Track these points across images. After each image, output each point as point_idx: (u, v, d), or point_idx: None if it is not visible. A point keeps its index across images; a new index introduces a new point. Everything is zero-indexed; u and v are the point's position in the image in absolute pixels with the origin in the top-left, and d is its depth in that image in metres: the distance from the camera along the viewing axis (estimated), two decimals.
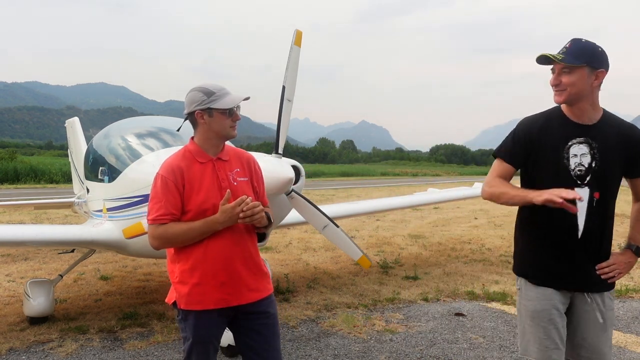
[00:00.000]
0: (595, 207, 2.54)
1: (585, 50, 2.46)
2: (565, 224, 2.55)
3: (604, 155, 2.52)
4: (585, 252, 2.58)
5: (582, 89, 2.47)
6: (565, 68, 2.47)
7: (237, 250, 2.54)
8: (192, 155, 2.57)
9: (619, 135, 2.55)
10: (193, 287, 2.50)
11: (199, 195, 2.50)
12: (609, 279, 2.60)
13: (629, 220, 2.85)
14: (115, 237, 4.90)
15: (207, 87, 2.55)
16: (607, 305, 2.62)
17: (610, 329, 2.64)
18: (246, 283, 2.56)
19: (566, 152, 2.54)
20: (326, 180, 44.00)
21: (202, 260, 2.50)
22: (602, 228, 2.59)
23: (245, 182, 2.63)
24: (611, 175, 2.56)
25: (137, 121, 6.95)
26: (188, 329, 2.55)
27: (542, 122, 2.63)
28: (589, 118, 2.55)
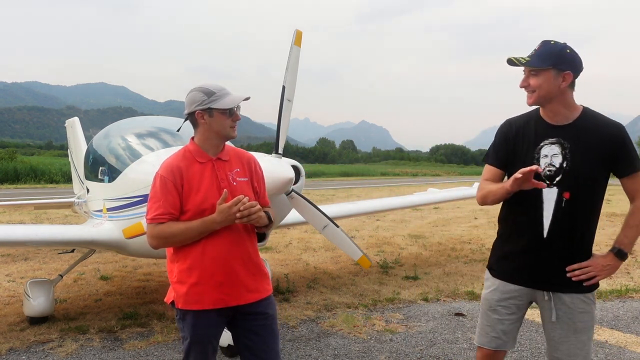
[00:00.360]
0: (565, 207, 2.52)
1: (552, 52, 2.49)
2: (531, 222, 2.59)
3: (577, 155, 2.50)
4: (551, 252, 2.57)
5: (550, 91, 2.50)
6: (533, 70, 2.52)
7: (235, 250, 2.54)
8: (192, 155, 2.57)
9: (599, 134, 2.51)
10: (191, 286, 2.50)
11: (198, 195, 2.50)
12: (582, 282, 2.54)
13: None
14: (115, 237, 4.90)
15: (208, 87, 2.55)
16: (578, 307, 2.56)
17: (584, 333, 2.57)
18: (245, 283, 2.56)
19: (537, 152, 2.58)
20: (326, 180, 43.99)
21: (201, 260, 2.50)
22: (572, 228, 2.54)
23: (245, 182, 2.63)
24: (585, 175, 2.50)
25: (137, 121, 6.95)
26: (186, 328, 2.55)
27: (520, 124, 2.70)
28: (564, 118, 2.56)
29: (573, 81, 2.52)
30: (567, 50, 2.49)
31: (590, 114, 2.58)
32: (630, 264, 8.54)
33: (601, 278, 2.56)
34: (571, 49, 2.50)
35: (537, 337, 4.90)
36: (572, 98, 2.56)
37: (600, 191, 2.58)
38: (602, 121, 2.56)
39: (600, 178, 2.55)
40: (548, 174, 2.54)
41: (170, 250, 2.61)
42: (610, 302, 6.18)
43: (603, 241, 10.98)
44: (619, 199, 23.64)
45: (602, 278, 2.57)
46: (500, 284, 2.72)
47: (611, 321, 5.42)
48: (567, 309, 2.57)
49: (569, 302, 2.56)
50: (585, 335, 2.58)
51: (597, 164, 2.50)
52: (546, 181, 2.53)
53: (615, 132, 2.52)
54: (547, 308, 2.63)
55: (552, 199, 2.53)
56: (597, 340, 4.84)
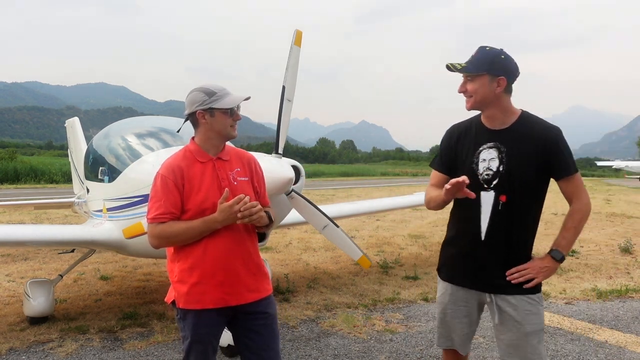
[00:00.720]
0: (502, 210, 2.55)
1: (487, 58, 2.54)
2: (470, 225, 2.63)
3: (513, 159, 2.54)
4: (489, 254, 2.60)
5: (485, 96, 2.55)
6: (469, 76, 2.58)
7: (236, 250, 2.55)
8: (193, 155, 2.58)
9: (535, 138, 2.53)
10: (192, 286, 2.51)
11: (199, 194, 2.51)
12: (522, 284, 2.55)
13: (630, 220, 2.85)
14: (115, 237, 4.90)
15: (209, 88, 2.56)
16: (525, 309, 2.55)
17: (534, 336, 2.56)
18: (245, 283, 2.56)
19: (476, 157, 2.63)
20: (326, 180, 44.01)
21: (202, 260, 2.50)
22: (509, 231, 2.57)
23: (245, 182, 2.64)
24: (521, 178, 2.53)
25: (137, 121, 6.95)
26: (187, 328, 2.55)
27: (462, 129, 2.76)
28: (501, 123, 2.60)
29: (509, 86, 2.56)
30: (502, 56, 2.55)
31: (527, 119, 2.61)
32: (630, 264, 8.55)
33: (540, 280, 2.56)
34: (506, 55, 2.55)
35: None
36: (509, 103, 2.61)
37: (537, 194, 2.60)
38: (538, 125, 2.58)
39: (537, 181, 2.57)
40: (486, 177, 2.59)
41: (171, 250, 2.61)
42: (610, 302, 6.18)
43: (603, 241, 11.02)
44: (619, 199, 23.69)
45: (541, 280, 2.57)
46: (449, 287, 2.78)
47: (611, 321, 5.42)
48: (513, 311, 2.57)
49: (513, 303, 2.57)
50: (536, 338, 2.57)
51: (532, 167, 2.53)
52: (484, 185, 2.58)
53: (549, 136, 2.53)
54: (492, 311, 2.66)
55: (490, 202, 2.57)
56: (597, 340, 4.84)
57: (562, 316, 5.56)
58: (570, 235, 2.59)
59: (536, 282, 2.56)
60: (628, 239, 10.41)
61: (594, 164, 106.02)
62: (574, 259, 8.99)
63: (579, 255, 9.31)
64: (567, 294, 6.47)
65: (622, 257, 9.12)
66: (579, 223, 2.58)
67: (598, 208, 18.87)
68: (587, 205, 2.60)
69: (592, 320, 5.44)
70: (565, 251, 2.59)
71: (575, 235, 2.60)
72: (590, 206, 2.62)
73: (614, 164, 77.56)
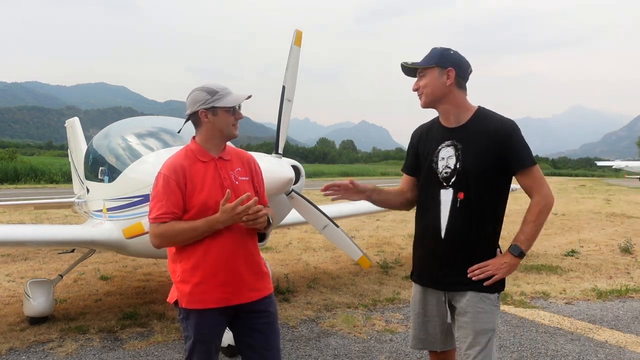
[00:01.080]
0: (459, 207, 2.55)
1: (436, 53, 2.59)
2: (432, 224, 2.64)
3: (468, 155, 2.54)
4: (449, 252, 2.59)
5: (436, 89, 2.58)
6: (420, 72, 2.62)
7: (238, 250, 2.55)
8: (194, 154, 2.58)
9: (489, 133, 2.52)
10: (194, 286, 2.51)
11: (201, 194, 2.51)
12: (482, 281, 2.53)
13: (630, 220, 2.84)
14: (115, 237, 4.90)
15: (211, 87, 2.57)
16: (477, 306, 2.53)
17: (484, 335, 2.53)
18: (247, 282, 2.57)
19: (435, 156, 2.65)
20: (326, 180, 43.91)
21: (203, 259, 2.50)
22: (468, 228, 2.55)
23: (246, 181, 2.65)
24: (476, 174, 2.52)
25: (137, 121, 6.95)
26: (190, 328, 2.55)
27: (424, 130, 2.81)
28: (456, 120, 2.62)
29: (459, 80, 2.58)
30: (451, 51, 2.60)
31: (482, 114, 2.61)
32: (630, 264, 8.55)
33: (500, 277, 2.53)
34: (455, 51, 2.60)
35: (537, 337, 4.90)
36: (463, 99, 2.62)
37: (495, 190, 2.58)
38: (492, 120, 2.57)
39: (493, 177, 2.55)
40: (445, 175, 2.60)
41: (172, 250, 2.61)
42: (610, 302, 6.18)
43: (603, 241, 11.02)
44: (619, 199, 23.69)
45: (501, 277, 2.54)
46: (418, 289, 2.78)
47: (611, 321, 5.42)
48: (466, 308, 2.55)
49: (466, 300, 2.56)
50: (485, 337, 2.53)
51: (487, 163, 2.52)
52: (443, 183, 2.60)
53: (503, 130, 2.52)
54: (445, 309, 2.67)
55: (449, 200, 2.58)
56: (597, 340, 4.84)
57: (562, 316, 5.56)
58: (529, 229, 2.53)
59: (496, 278, 2.52)
60: (628, 239, 10.41)
61: (594, 164, 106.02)
62: (574, 259, 8.99)
63: (579, 255, 9.31)
64: (567, 294, 6.47)
65: (622, 257, 9.12)
66: (538, 217, 2.52)
67: (598, 208, 18.87)
68: (546, 198, 2.53)
69: (592, 320, 5.44)
70: (524, 246, 2.53)
71: (534, 229, 2.53)
72: (551, 199, 2.55)
73: (614, 164, 77.57)
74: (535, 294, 6.45)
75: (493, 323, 2.58)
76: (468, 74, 2.62)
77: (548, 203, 2.53)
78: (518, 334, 5.00)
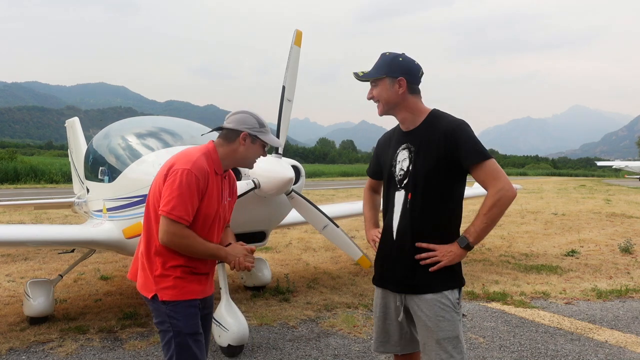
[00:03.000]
0: (408, 208, 2.59)
1: (385, 62, 2.60)
2: (386, 226, 2.73)
3: (418, 157, 2.58)
4: (400, 253, 2.62)
5: (390, 98, 2.60)
6: (372, 82, 2.64)
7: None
8: (213, 164, 2.65)
9: (437, 133, 2.54)
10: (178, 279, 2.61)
11: (209, 205, 2.60)
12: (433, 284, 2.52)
13: (630, 220, 2.83)
14: (115, 237, 4.90)
15: (260, 119, 2.72)
16: (436, 314, 2.51)
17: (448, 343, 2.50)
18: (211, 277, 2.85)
19: (394, 159, 2.71)
20: (326, 180, 44.00)
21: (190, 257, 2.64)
22: (416, 228, 2.57)
23: (230, 202, 2.84)
24: (423, 174, 2.55)
25: (137, 121, 6.94)
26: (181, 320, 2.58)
27: (387, 136, 2.89)
28: (411, 123, 2.66)
29: (411, 87, 2.60)
30: (400, 58, 2.59)
31: (434, 116, 2.63)
32: (630, 264, 8.55)
33: (444, 264, 2.51)
34: (404, 57, 2.60)
35: (537, 337, 4.90)
36: (418, 103, 2.65)
37: (443, 190, 2.57)
38: (443, 120, 2.59)
39: (443, 177, 2.55)
40: (399, 177, 2.66)
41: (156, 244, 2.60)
42: (610, 302, 6.18)
43: (603, 241, 11.02)
44: (619, 199, 23.68)
45: (445, 264, 2.51)
46: (378, 291, 2.80)
47: (611, 321, 5.42)
48: (424, 316, 2.54)
49: (422, 305, 2.55)
50: (450, 344, 2.51)
51: (435, 162, 2.53)
52: (398, 185, 2.66)
53: (450, 128, 2.53)
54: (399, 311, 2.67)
55: (400, 201, 2.64)
56: (597, 340, 4.85)
57: (562, 316, 5.56)
58: (479, 222, 2.50)
59: (440, 265, 2.51)
60: (628, 239, 10.41)
61: (594, 164, 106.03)
62: (574, 259, 8.99)
63: (579, 255, 9.32)
64: (567, 294, 6.47)
65: (622, 257, 9.12)
66: (490, 210, 2.47)
67: (598, 208, 18.87)
68: (501, 192, 2.46)
69: (592, 320, 5.44)
70: (472, 238, 2.51)
71: (485, 222, 2.50)
72: (509, 192, 2.48)
73: (614, 164, 77.58)
74: (535, 294, 6.45)
75: (455, 330, 2.54)
76: (419, 78, 2.65)
77: (503, 197, 2.46)
78: (518, 334, 5.00)
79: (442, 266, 2.52)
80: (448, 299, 2.54)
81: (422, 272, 2.55)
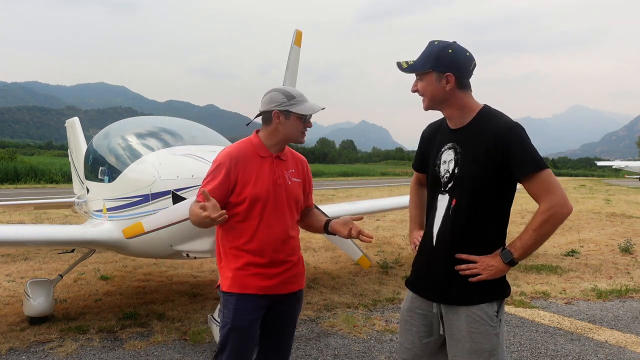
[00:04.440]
0: (451, 214, 2.39)
1: (432, 54, 2.36)
2: (427, 231, 2.54)
3: (466, 159, 2.36)
4: (438, 260, 2.42)
5: (435, 94, 2.39)
6: (417, 75, 2.43)
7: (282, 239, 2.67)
8: (255, 148, 2.66)
9: (488, 135, 2.31)
10: (236, 270, 2.60)
11: (255, 186, 2.58)
12: (471, 296, 2.34)
13: (630, 220, 2.79)
14: (115, 237, 4.89)
15: (288, 91, 2.65)
16: (471, 326, 2.32)
17: (479, 355, 2.31)
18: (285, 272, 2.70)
19: (439, 159, 2.50)
20: (326, 180, 43.99)
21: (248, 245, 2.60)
22: (457, 236, 2.37)
23: (298, 183, 2.76)
24: (470, 180, 2.33)
25: (137, 121, 6.94)
26: (228, 313, 2.61)
27: (433, 128, 2.63)
28: (459, 121, 2.43)
29: (461, 82, 2.37)
30: (449, 50, 2.35)
31: (485, 115, 2.40)
32: (630, 263, 8.55)
33: (484, 277, 2.32)
34: (454, 48, 2.36)
35: (537, 337, 4.90)
36: (468, 99, 2.41)
37: (489, 198, 2.35)
38: (495, 121, 2.35)
39: (492, 184, 2.32)
40: (445, 180, 2.45)
41: (219, 233, 2.69)
42: (610, 302, 6.18)
43: (603, 241, 11.02)
44: (619, 199, 23.68)
45: (485, 278, 2.32)
46: (410, 295, 2.61)
47: (611, 321, 5.42)
48: (457, 324, 2.36)
49: (457, 318, 2.36)
50: (480, 357, 2.31)
51: (483, 167, 2.31)
52: (442, 188, 2.46)
53: (502, 132, 2.28)
54: (436, 321, 2.49)
55: (444, 206, 2.43)
56: (597, 340, 4.85)
57: (562, 316, 5.56)
58: (527, 237, 2.29)
59: (479, 278, 2.32)
60: (628, 239, 10.42)
61: (594, 164, 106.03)
62: (574, 259, 8.99)
63: (579, 255, 9.32)
64: (567, 294, 6.47)
65: (622, 257, 9.12)
66: (540, 226, 2.26)
67: (598, 208, 18.87)
68: (555, 208, 2.24)
69: (592, 320, 5.44)
70: (517, 253, 2.30)
71: (534, 239, 2.28)
72: (564, 209, 2.25)
73: (614, 164, 77.59)
74: (535, 293, 6.45)
75: (489, 343, 2.32)
76: (470, 73, 2.40)
77: (557, 213, 2.24)
78: (518, 334, 5.00)
79: (482, 279, 2.33)
80: (484, 312, 2.34)
81: (459, 283, 2.36)
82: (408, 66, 2.42)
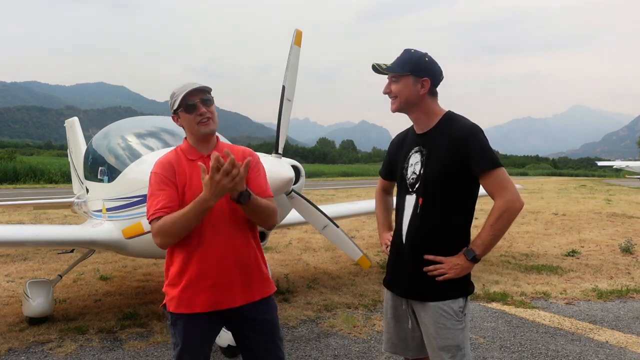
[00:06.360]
0: (419, 213, 2.54)
1: (411, 60, 2.54)
2: (397, 229, 2.70)
3: (430, 161, 2.53)
4: (408, 258, 2.58)
5: (410, 97, 2.54)
6: (394, 77, 2.57)
7: (227, 251, 2.45)
8: (183, 153, 2.56)
9: (449, 137, 2.49)
10: (182, 290, 2.46)
11: (191, 190, 2.43)
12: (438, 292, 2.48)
13: (630, 220, 2.81)
14: (115, 237, 4.88)
15: (174, 90, 2.52)
16: (438, 321, 2.48)
17: (447, 351, 2.47)
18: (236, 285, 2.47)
19: (406, 162, 2.66)
20: (326, 180, 44.01)
21: (190, 262, 2.44)
22: (424, 234, 2.53)
23: None
24: (434, 179, 2.50)
25: (137, 121, 6.93)
26: (177, 334, 2.52)
27: (400, 136, 2.84)
28: (425, 126, 2.61)
29: (433, 88, 2.56)
30: (426, 58, 2.55)
31: (448, 119, 2.57)
32: (630, 264, 8.54)
33: (450, 276, 2.47)
34: (430, 58, 2.56)
35: (537, 337, 4.89)
36: (434, 105, 2.60)
37: (453, 196, 2.51)
38: (456, 124, 2.53)
39: (455, 182, 2.48)
40: (411, 181, 2.61)
41: (167, 253, 2.55)
42: (610, 302, 6.17)
43: (603, 241, 11.01)
44: (619, 199, 23.68)
45: (451, 276, 2.47)
46: (387, 293, 2.79)
47: (612, 321, 5.41)
48: (428, 323, 2.52)
49: (425, 313, 2.53)
50: (448, 353, 2.48)
51: (445, 167, 2.48)
52: (409, 189, 2.61)
53: (462, 134, 2.46)
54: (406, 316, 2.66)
55: (411, 205, 2.59)
56: (597, 340, 4.83)
57: (562, 316, 5.55)
58: (485, 234, 2.44)
59: (446, 277, 2.47)
60: (629, 239, 10.41)
61: (594, 164, 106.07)
62: (575, 259, 8.99)
63: (579, 255, 9.31)
64: (568, 294, 6.46)
65: (622, 257, 9.11)
66: (496, 222, 2.41)
67: (599, 208, 18.86)
68: (508, 203, 2.40)
69: (592, 321, 5.43)
70: (479, 250, 2.45)
71: (492, 234, 2.44)
72: (516, 204, 2.42)
73: (614, 164, 77.55)
74: (536, 294, 6.44)
75: (456, 339, 2.49)
76: (440, 82, 2.61)
77: (510, 208, 2.41)
78: (518, 334, 4.99)
79: (449, 278, 2.48)
80: (450, 307, 2.49)
81: (428, 280, 2.51)
82: (387, 67, 2.56)
